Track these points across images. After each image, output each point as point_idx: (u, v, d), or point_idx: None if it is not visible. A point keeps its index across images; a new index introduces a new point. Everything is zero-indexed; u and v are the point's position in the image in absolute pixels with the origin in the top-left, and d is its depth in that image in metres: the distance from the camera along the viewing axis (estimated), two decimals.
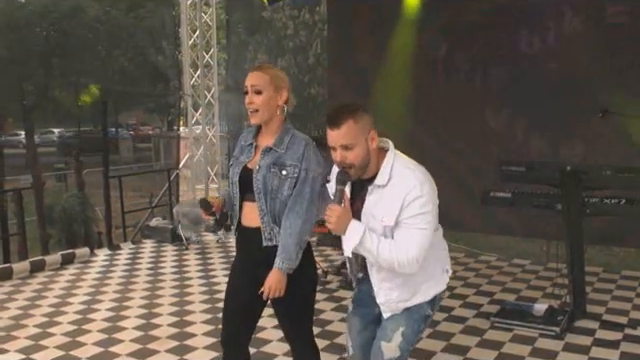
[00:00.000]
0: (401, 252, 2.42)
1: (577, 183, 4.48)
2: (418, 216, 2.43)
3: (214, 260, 6.94)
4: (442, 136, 6.93)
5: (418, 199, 2.43)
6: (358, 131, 2.45)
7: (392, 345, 2.62)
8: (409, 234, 2.43)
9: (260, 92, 2.74)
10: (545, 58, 6.23)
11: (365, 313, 2.79)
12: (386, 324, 2.66)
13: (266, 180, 2.73)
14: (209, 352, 4.29)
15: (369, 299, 2.72)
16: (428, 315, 2.68)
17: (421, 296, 2.62)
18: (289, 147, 2.75)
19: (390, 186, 2.48)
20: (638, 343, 4.27)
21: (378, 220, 2.48)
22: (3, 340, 4.56)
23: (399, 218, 2.44)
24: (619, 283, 5.74)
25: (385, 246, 2.44)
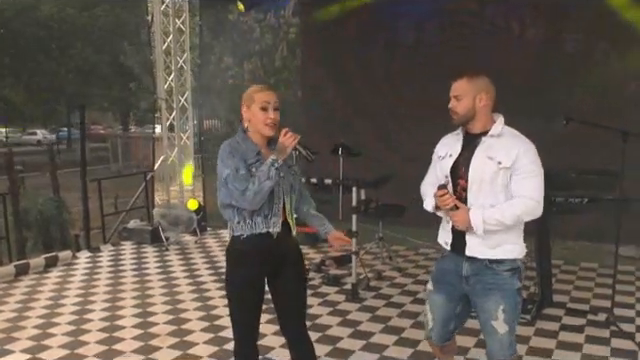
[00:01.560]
0: (526, 201, 2.90)
1: (546, 184, 4.90)
2: (533, 164, 2.93)
3: (196, 260, 7.18)
4: (413, 130, 7.34)
5: (531, 150, 2.95)
6: (469, 89, 3.00)
7: (500, 322, 2.98)
8: (529, 181, 2.91)
9: (278, 109, 3.04)
10: (510, 70, 6.69)
11: (449, 290, 3.15)
12: (485, 306, 3.01)
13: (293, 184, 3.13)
14: (209, 347, 4.56)
15: (453, 277, 3.09)
16: (519, 288, 3.03)
17: (500, 252, 2.97)
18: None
19: (504, 138, 2.97)
20: (600, 327, 4.74)
21: (495, 162, 2.92)
22: (6, 341, 4.71)
23: (516, 165, 2.90)
24: (579, 274, 6.25)
25: (509, 209, 2.90)
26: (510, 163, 2.90)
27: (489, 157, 2.93)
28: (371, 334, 4.77)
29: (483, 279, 3.01)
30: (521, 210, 2.89)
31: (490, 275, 3.00)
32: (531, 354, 4.33)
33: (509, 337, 3.02)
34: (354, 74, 8.30)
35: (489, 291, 3.00)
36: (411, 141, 7.15)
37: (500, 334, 3.00)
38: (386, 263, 6.81)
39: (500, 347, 3.02)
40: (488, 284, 3.00)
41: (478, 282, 3.03)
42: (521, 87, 6.62)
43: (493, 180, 2.92)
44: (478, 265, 3.01)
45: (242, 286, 3.11)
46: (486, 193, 2.93)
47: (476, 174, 2.95)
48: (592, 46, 6.84)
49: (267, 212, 3.08)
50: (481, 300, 3.04)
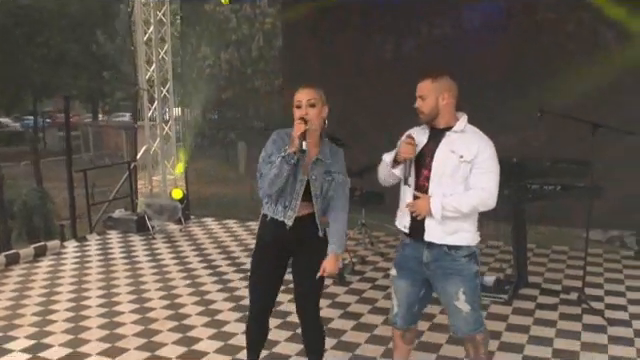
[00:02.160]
0: (483, 193, 3.18)
1: (521, 173, 5.24)
2: (491, 160, 3.21)
3: (184, 248, 7.38)
4: (388, 123, 7.59)
5: (490, 148, 3.23)
6: (433, 89, 3.25)
7: (461, 302, 3.26)
8: (486, 176, 3.19)
9: (314, 105, 3.27)
10: (487, 61, 7.01)
11: (412, 276, 3.40)
12: (447, 289, 3.28)
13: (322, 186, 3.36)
14: (208, 329, 4.80)
15: (414, 263, 3.34)
16: (476, 271, 3.32)
17: (459, 237, 3.24)
18: (333, 157, 3.38)
19: (467, 134, 3.24)
20: (572, 305, 5.10)
21: (457, 155, 3.18)
22: (8, 328, 4.87)
23: (476, 159, 3.17)
24: (551, 257, 6.63)
25: (465, 199, 3.18)
26: (471, 157, 3.17)
27: (452, 151, 3.19)
28: (360, 315, 5.06)
29: (443, 265, 3.28)
30: (477, 201, 3.18)
31: (449, 261, 3.27)
32: (509, 330, 4.67)
33: (473, 315, 3.32)
34: (342, 62, 8.44)
35: (449, 276, 3.27)
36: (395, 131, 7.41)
37: (464, 312, 3.30)
38: (368, 248, 7.10)
39: (465, 324, 3.32)
40: (448, 269, 3.27)
41: (438, 267, 3.29)
42: (499, 81, 6.97)
43: (454, 172, 3.19)
44: (437, 251, 3.27)
45: (256, 261, 3.52)
46: (447, 184, 3.19)
47: (439, 166, 3.21)
48: (571, 41, 7.18)
49: (287, 204, 3.36)
50: (442, 284, 3.32)
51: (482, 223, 3.39)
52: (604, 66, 6.75)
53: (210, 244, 7.53)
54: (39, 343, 4.57)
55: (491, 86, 6.95)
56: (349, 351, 4.37)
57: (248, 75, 13.28)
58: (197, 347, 4.47)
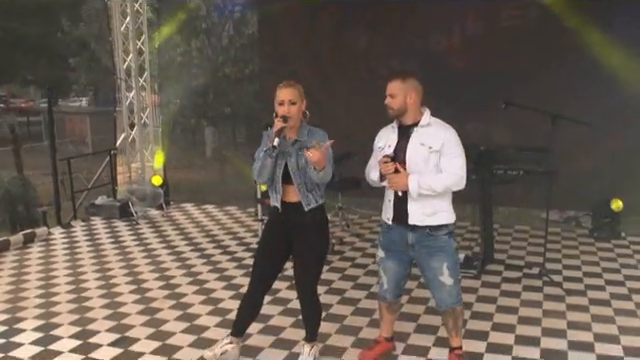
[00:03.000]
0: (454, 175, 3.64)
1: (488, 159, 5.76)
2: (457, 146, 3.68)
3: (169, 232, 7.73)
4: (363, 113, 8.04)
5: (454, 136, 3.70)
6: (401, 88, 3.68)
7: (446, 276, 3.75)
8: (455, 160, 3.65)
9: (295, 103, 3.70)
10: (455, 56, 7.51)
11: (398, 256, 3.88)
12: (432, 265, 3.76)
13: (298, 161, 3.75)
14: (205, 306, 5.20)
15: (400, 245, 3.81)
16: (455, 247, 3.82)
17: (438, 218, 3.71)
18: (310, 136, 3.77)
19: (432, 127, 3.69)
20: (534, 278, 5.66)
21: (426, 147, 3.64)
22: (15, 310, 5.18)
23: (443, 147, 3.62)
24: (514, 236, 7.21)
25: (438, 179, 3.62)
26: (439, 147, 3.63)
27: (421, 144, 3.66)
28: (344, 290, 5.53)
29: (427, 244, 3.76)
30: (449, 181, 3.66)
31: (432, 240, 3.75)
32: (479, 301, 5.19)
33: (455, 288, 3.82)
34: (319, 54, 8.82)
35: (434, 253, 3.76)
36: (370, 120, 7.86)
37: (448, 286, 3.79)
38: (345, 230, 7.56)
39: (449, 296, 3.82)
40: (432, 248, 3.76)
41: (423, 247, 3.78)
42: (467, 74, 7.50)
43: (426, 161, 3.66)
44: (421, 233, 3.75)
45: (261, 240, 4.08)
46: (421, 171, 3.66)
47: (412, 158, 3.68)
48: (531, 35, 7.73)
49: (273, 190, 3.83)
50: (427, 261, 3.80)
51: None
52: (563, 64, 7.37)
53: (193, 228, 7.90)
54: (48, 323, 4.89)
55: (459, 80, 7.48)
56: (337, 322, 4.82)
57: (219, 63, 13.53)
58: (198, 322, 4.87)
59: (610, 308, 5.02)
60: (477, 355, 4.21)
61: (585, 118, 5.70)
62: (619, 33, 7.05)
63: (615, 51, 7.18)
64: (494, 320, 4.82)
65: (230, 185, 11.28)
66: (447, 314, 3.92)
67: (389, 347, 4.26)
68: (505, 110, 5.66)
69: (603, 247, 6.73)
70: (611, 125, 7.05)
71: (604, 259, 6.32)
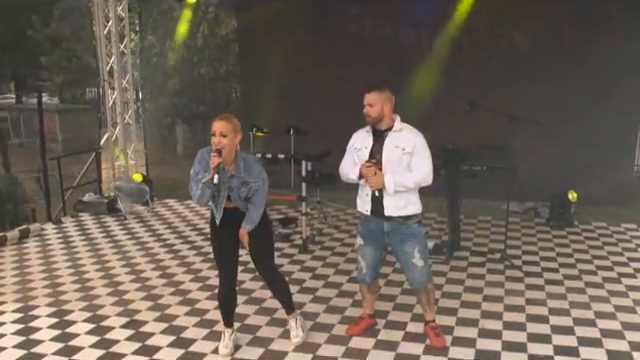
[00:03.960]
0: (423, 173, 4.25)
1: (455, 156, 6.40)
2: (426, 149, 4.29)
3: (157, 226, 8.20)
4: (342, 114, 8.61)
5: (423, 139, 4.31)
6: (378, 98, 4.24)
7: (417, 259, 4.37)
8: (424, 160, 4.27)
9: (225, 135, 4.07)
10: None
11: (375, 243, 4.48)
12: (405, 249, 4.37)
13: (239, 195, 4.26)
14: (203, 292, 5.73)
15: (377, 233, 4.42)
16: (424, 232, 4.45)
17: (409, 209, 4.32)
18: (247, 170, 4.22)
19: (404, 132, 4.29)
20: (496, 263, 6.33)
21: (400, 149, 4.23)
22: (27, 299, 5.62)
23: (414, 150, 4.22)
24: (478, 225, 7.89)
25: (410, 177, 4.22)
26: (411, 149, 4.23)
27: (396, 146, 4.26)
28: (327, 276, 6.11)
29: (400, 232, 4.38)
30: (419, 178, 4.28)
31: (404, 228, 4.37)
32: (448, 283, 5.84)
33: (425, 268, 4.45)
34: (300, 57, 9.36)
35: (406, 239, 4.39)
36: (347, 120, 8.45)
37: (419, 267, 4.42)
38: (323, 222, 8.13)
39: (420, 276, 4.45)
40: (404, 235, 4.38)
41: (396, 234, 4.40)
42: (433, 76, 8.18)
43: (400, 161, 4.28)
44: (395, 222, 4.37)
45: (212, 242, 4.56)
46: (395, 170, 4.26)
47: (388, 158, 4.29)
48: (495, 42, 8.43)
49: (216, 208, 4.33)
50: (401, 247, 4.42)
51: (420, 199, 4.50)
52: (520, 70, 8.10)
53: (180, 222, 8.38)
54: (60, 310, 5.35)
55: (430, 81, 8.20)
56: (324, 304, 5.41)
57: (194, 63, 13.94)
58: (198, 306, 5.41)
59: (563, 287, 5.71)
60: (448, 328, 4.84)
61: (542, 118, 6.40)
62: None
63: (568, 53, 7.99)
64: (462, 299, 5.46)
65: None
66: (420, 292, 4.55)
67: (372, 322, 4.87)
68: (470, 112, 6.29)
69: (558, 234, 7.45)
70: (567, 123, 7.83)
71: (558, 245, 7.03)
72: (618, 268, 6.23)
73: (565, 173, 7.96)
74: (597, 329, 4.82)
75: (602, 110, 7.96)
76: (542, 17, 8.23)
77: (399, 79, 8.18)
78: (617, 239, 7.25)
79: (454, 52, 8.49)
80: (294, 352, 4.53)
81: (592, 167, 7.93)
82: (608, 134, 8.05)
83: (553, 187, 7.96)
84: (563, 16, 8.13)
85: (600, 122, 8.00)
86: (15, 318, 5.20)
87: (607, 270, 6.17)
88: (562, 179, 7.93)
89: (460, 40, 8.49)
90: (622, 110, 8.07)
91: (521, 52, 8.35)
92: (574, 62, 8.05)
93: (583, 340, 4.63)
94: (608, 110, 7.96)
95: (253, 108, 9.74)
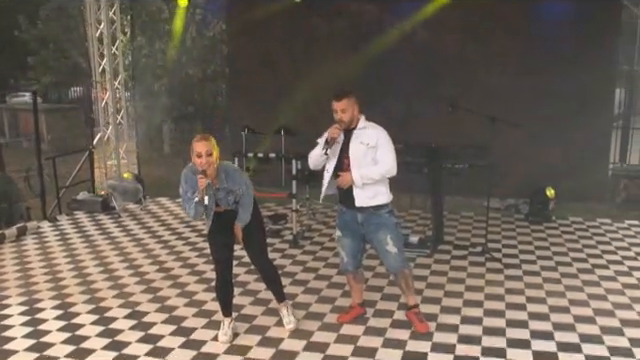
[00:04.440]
0: (387, 164, 4.60)
1: (438, 155, 6.74)
2: (388, 143, 4.65)
3: (151, 223, 8.45)
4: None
5: (385, 135, 4.67)
6: (349, 104, 4.62)
7: (390, 246, 4.69)
8: (388, 153, 4.62)
9: (211, 154, 4.41)
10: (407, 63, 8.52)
11: (352, 234, 4.81)
12: (379, 238, 4.68)
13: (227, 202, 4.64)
14: (200, 285, 6.02)
15: (353, 224, 4.75)
16: (396, 222, 4.78)
17: (378, 199, 4.66)
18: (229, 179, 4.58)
19: (367, 129, 4.67)
20: (478, 256, 6.68)
21: (364, 144, 4.61)
22: (31, 293, 5.87)
23: (377, 144, 4.60)
24: (460, 221, 8.25)
25: (375, 169, 4.60)
26: (374, 143, 4.59)
27: (361, 142, 4.62)
28: (317, 269, 6.43)
29: (373, 221, 4.72)
30: (384, 170, 4.61)
31: (376, 217, 4.72)
32: (433, 275, 6.18)
33: (399, 254, 4.77)
34: (280, 66, 9.67)
35: (379, 228, 4.72)
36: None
37: (393, 253, 4.75)
38: (312, 219, 8.44)
39: (395, 261, 4.78)
40: (377, 224, 4.72)
41: (370, 224, 4.74)
42: (417, 77, 8.52)
43: (365, 156, 4.64)
44: (367, 213, 4.71)
45: (209, 236, 4.85)
46: (361, 163, 4.62)
47: (354, 153, 4.65)
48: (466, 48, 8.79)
49: (206, 217, 4.68)
50: (374, 235, 4.76)
51: (404, 196, 4.83)
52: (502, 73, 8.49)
53: (173, 220, 8.64)
54: (64, 303, 5.62)
55: (411, 87, 8.57)
56: (315, 294, 5.73)
57: (182, 63, 14.17)
58: (196, 298, 5.71)
59: (540, 277, 6.08)
60: (432, 316, 5.18)
61: (520, 119, 6.76)
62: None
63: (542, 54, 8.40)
64: (445, 289, 5.81)
65: None
66: (398, 277, 4.88)
67: (361, 311, 5.20)
68: (452, 113, 6.64)
69: (536, 229, 7.83)
70: (546, 123, 8.23)
71: (537, 239, 7.41)
72: (592, 260, 6.61)
73: (544, 171, 8.35)
74: (571, 315, 5.18)
75: (579, 111, 8.36)
76: (527, 18, 8.59)
77: (384, 81, 8.56)
78: (592, 233, 7.64)
79: (437, 53, 8.83)
80: (289, 339, 4.84)
81: (570, 165, 8.36)
82: (584, 134, 8.43)
83: (532, 184, 8.33)
84: (546, 19, 8.48)
85: (577, 123, 8.38)
86: (21, 310, 5.46)
87: (582, 262, 6.55)
88: (541, 177, 8.30)
89: (441, 40, 8.83)
90: (597, 111, 8.47)
91: (504, 52, 8.69)
92: (551, 63, 8.42)
93: (558, 325, 4.98)
94: (584, 111, 8.37)
95: (241, 108, 10.02)
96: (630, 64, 16.50)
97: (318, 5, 9.37)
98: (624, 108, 11.72)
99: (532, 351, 4.57)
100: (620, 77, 12.44)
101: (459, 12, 8.62)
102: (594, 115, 8.44)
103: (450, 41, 8.80)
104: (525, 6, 8.54)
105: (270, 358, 4.55)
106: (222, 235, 4.72)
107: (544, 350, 4.59)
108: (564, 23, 8.39)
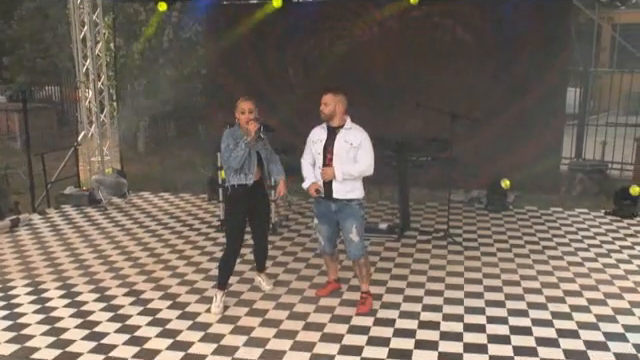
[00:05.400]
0: (365, 164, 5.20)
1: (404, 149, 7.43)
2: (369, 145, 5.23)
3: (137, 215, 8.99)
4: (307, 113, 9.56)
5: (367, 137, 5.26)
6: (332, 100, 5.19)
7: (354, 234, 5.30)
8: (367, 154, 5.21)
9: (252, 111, 5.24)
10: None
11: (328, 221, 5.45)
12: (345, 226, 5.31)
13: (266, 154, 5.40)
14: (189, 267, 6.61)
15: (328, 212, 5.38)
16: (362, 215, 5.38)
17: (353, 194, 5.27)
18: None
19: (352, 130, 5.24)
20: (440, 240, 7.40)
21: (349, 143, 5.18)
22: (32, 277, 6.39)
23: (360, 144, 5.17)
24: (425, 210, 8.97)
25: (355, 166, 5.18)
26: (357, 144, 5.18)
27: (345, 141, 5.23)
28: (296, 252, 7.08)
29: (344, 211, 5.35)
30: (362, 169, 5.22)
31: (348, 208, 5.33)
32: (400, 257, 6.87)
33: (360, 244, 5.38)
34: (262, 56, 10.27)
35: (347, 217, 5.34)
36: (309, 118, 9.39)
37: (355, 242, 5.36)
38: (287, 210, 9.07)
39: (355, 249, 5.39)
40: (347, 213, 5.34)
41: (341, 213, 5.37)
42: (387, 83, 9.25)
43: (347, 153, 5.24)
44: (341, 203, 5.33)
45: (231, 214, 5.54)
46: (343, 161, 5.23)
47: (338, 150, 5.25)
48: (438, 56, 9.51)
49: (246, 171, 5.33)
50: (343, 223, 5.39)
51: (373, 189, 5.48)
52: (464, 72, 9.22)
53: (158, 211, 9.19)
54: (69, 292, 6.12)
55: (380, 87, 9.25)
56: (294, 274, 6.37)
57: (160, 64, 14.65)
58: (187, 278, 6.30)
59: (495, 257, 6.81)
60: (399, 289, 5.87)
61: (483, 116, 7.50)
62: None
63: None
64: (411, 268, 6.51)
65: (175, 175, 12.10)
66: (355, 264, 5.50)
67: (337, 287, 5.85)
68: (417, 110, 7.32)
69: (495, 217, 8.59)
70: (510, 123, 8.98)
71: (494, 225, 8.16)
72: (543, 242, 7.37)
73: (504, 165, 9.05)
74: (521, 288, 5.92)
75: (534, 109, 9.13)
76: (485, 21, 9.31)
77: (356, 82, 9.22)
78: (545, 220, 8.42)
79: (404, 55, 9.53)
80: (274, 310, 5.48)
81: (527, 159, 9.11)
82: (540, 131, 9.19)
83: (492, 177, 9.06)
84: (503, 21, 9.19)
85: (532, 120, 9.15)
86: (27, 291, 5.99)
87: (533, 244, 7.31)
88: (501, 169, 9.00)
89: (406, 45, 9.54)
90: (550, 109, 9.25)
91: (465, 53, 9.42)
92: (508, 64, 9.17)
93: (509, 296, 5.71)
94: (539, 109, 9.13)
95: (219, 106, 10.56)
96: (589, 65, 17.48)
97: (289, 10, 9.97)
98: (579, 107, 12.50)
99: (486, 316, 5.29)
100: (576, 77, 13.37)
101: (422, 14, 9.34)
102: (548, 113, 9.20)
103: (416, 43, 9.48)
104: (485, 9, 9.26)
105: (258, 325, 5.17)
106: (242, 213, 5.46)
107: (496, 315, 5.30)
108: (520, 25, 9.09)
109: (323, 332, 5.04)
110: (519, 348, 4.72)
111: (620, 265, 6.54)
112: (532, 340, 4.85)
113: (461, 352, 4.67)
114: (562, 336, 4.90)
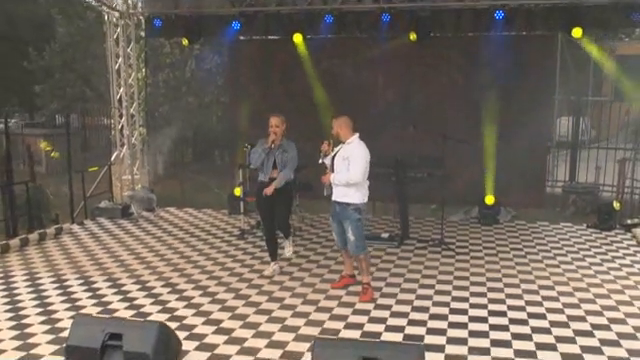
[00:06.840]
0: (351, 172, 6.15)
1: (402, 166, 8.48)
2: (359, 158, 6.19)
3: (167, 226, 10.05)
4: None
5: (360, 152, 6.23)
6: (337, 124, 6.34)
7: (350, 234, 6.32)
8: (354, 166, 6.15)
9: (278, 126, 6.47)
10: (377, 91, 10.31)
11: (336, 219, 6.48)
12: (344, 226, 6.33)
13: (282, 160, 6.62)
14: (216, 266, 7.63)
15: (334, 212, 6.43)
16: (357, 218, 6.34)
17: (348, 198, 6.26)
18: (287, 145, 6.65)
19: (349, 145, 6.27)
20: (435, 247, 8.39)
21: (342, 156, 6.21)
22: (82, 272, 7.43)
23: (350, 157, 6.17)
24: (423, 223, 9.97)
25: (342, 175, 6.19)
26: (347, 156, 6.19)
27: (341, 154, 6.29)
28: (308, 256, 8.10)
29: (342, 213, 6.38)
30: (348, 177, 6.17)
31: (345, 211, 6.34)
32: (399, 260, 7.88)
33: (357, 242, 6.35)
34: (275, 90, 11.35)
35: (345, 219, 6.36)
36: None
37: (352, 241, 6.37)
38: (301, 222, 10.09)
39: (354, 247, 6.40)
40: (344, 215, 6.36)
41: (341, 215, 6.40)
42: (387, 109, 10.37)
43: (343, 164, 6.24)
44: (340, 206, 6.36)
45: (257, 204, 7.13)
46: (337, 170, 6.25)
47: (336, 161, 6.30)
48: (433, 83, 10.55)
49: (265, 171, 6.69)
50: (343, 223, 6.40)
51: (377, 205, 6.51)
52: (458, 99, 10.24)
53: (186, 223, 10.25)
54: (119, 290, 7.17)
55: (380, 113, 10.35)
56: (307, 272, 7.38)
57: (183, 92, 15.87)
58: (214, 274, 7.31)
59: (482, 260, 7.81)
60: (397, 284, 6.86)
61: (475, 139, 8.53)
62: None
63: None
64: (408, 268, 7.51)
65: (195, 195, 13.16)
66: (356, 259, 6.54)
67: (351, 281, 6.85)
68: (414, 132, 8.39)
69: (486, 229, 9.58)
70: (499, 146, 9.92)
71: (485, 236, 9.15)
72: (526, 249, 8.35)
73: (497, 184, 9.96)
74: (502, 284, 6.90)
75: (521, 137, 10.01)
76: (472, 55, 10.27)
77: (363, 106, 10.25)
78: (531, 232, 9.40)
79: (405, 85, 10.59)
80: (290, 298, 6.49)
81: (517, 179, 9.99)
82: (528, 154, 10.07)
83: (481, 194, 10.03)
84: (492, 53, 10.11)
85: (520, 144, 10.01)
86: (79, 283, 7.04)
87: (518, 251, 8.29)
88: (494, 188, 9.94)
89: (408, 75, 10.60)
90: (536, 135, 10.17)
91: (455, 84, 10.43)
92: (497, 93, 10.07)
93: (491, 289, 6.70)
94: (526, 135, 10.03)
95: (237, 129, 11.57)
96: (585, 94, 18.46)
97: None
98: (572, 133, 13.40)
99: (469, 304, 6.28)
100: (569, 106, 14.35)
101: (416, 49, 10.34)
102: (534, 137, 10.09)
103: (413, 75, 10.54)
104: (474, 41, 10.21)
105: (276, 310, 6.17)
106: (265, 204, 6.93)
107: (479, 303, 6.28)
108: (507, 57, 9.87)
109: (331, 314, 6.05)
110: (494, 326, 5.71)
111: (597, 273, 7.51)
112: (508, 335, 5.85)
113: (446, 328, 5.66)
114: (535, 332, 5.88)
